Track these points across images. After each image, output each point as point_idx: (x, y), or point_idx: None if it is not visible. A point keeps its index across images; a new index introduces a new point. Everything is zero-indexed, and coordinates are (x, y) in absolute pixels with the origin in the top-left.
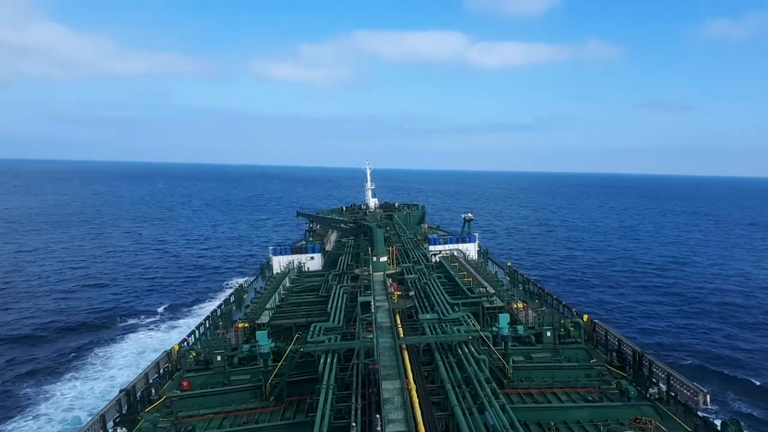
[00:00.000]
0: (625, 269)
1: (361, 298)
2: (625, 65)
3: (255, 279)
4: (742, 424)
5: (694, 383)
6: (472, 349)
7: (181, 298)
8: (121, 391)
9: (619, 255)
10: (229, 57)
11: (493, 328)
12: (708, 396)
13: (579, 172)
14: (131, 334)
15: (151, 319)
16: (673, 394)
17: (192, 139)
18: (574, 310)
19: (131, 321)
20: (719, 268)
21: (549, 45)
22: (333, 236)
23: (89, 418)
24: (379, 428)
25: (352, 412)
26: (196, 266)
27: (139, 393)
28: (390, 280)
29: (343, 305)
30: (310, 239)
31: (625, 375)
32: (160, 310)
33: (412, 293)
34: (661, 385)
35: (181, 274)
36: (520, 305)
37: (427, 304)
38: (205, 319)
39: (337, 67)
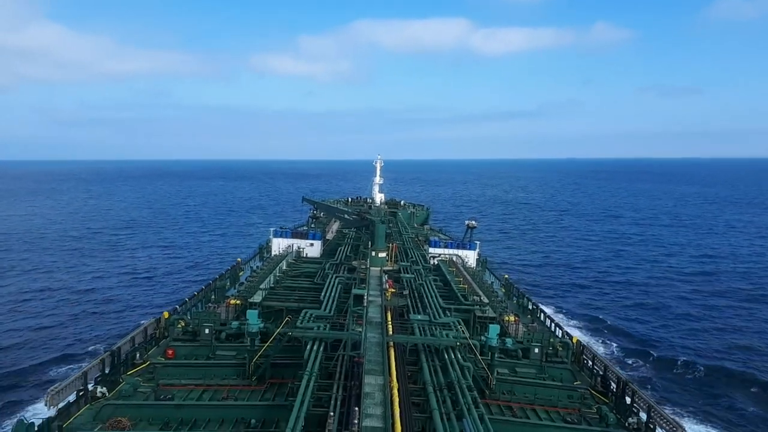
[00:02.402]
0: (645, 274)
1: (355, 291)
2: (631, 49)
3: (252, 258)
4: None
5: (674, 418)
6: (459, 356)
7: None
8: (105, 351)
9: (639, 257)
10: (229, 53)
11: (482, 338)
12: None
13: (585, 157)
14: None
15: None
16: (651, 426)
17: (195, 137)
18: (564, 329)
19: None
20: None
21: (553, 30)
22: (335, 226)
23: (73, 374)
24: (356, 421)
25: (332, 401)
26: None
27: (124, 355)
28: (386, 276)
29: (337, 295)
30: (312, 226)
31: (606, 401)
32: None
33: (406, 292)
34: (641, 415)
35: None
36: (512, 318)
37: (419, 305)
38: (198, 291)
39: (337, 61)
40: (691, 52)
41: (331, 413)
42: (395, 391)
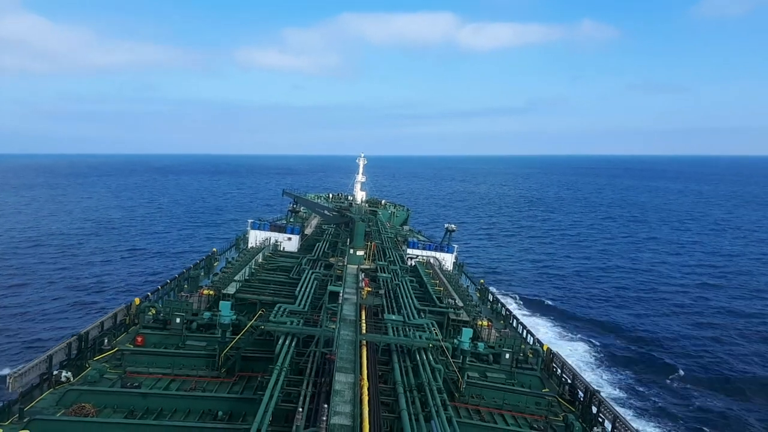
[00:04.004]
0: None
1: (330, 288)
2: (619, 46)
3: (229, 249)
4: None
5: (638, 429)
6: (430, 357)
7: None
8: (72, 335)
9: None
10: (214, 46)
11: (455, 341)
12: None
13: (575, 154)
14: None
15: None
16: None
17: (180, 131)
18: (536, 336)
19: None
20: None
21: (541, 26)
22: (314, 221)
23: (37, 357)
24: (324, 418)
25: (301, 397)
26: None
27: (91, 340)
28: (363, 274)
29: (312, 291)
30: (291, 220)
31: (573, 410)
32: None
33: (382, 292)
34: (606, 424)
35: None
36: (485, 323)
37: (394, 305)
38: (171, 279)
39: (324, 54)
40: (679, 50)
41: (300, 409)
42: (365, 390)
